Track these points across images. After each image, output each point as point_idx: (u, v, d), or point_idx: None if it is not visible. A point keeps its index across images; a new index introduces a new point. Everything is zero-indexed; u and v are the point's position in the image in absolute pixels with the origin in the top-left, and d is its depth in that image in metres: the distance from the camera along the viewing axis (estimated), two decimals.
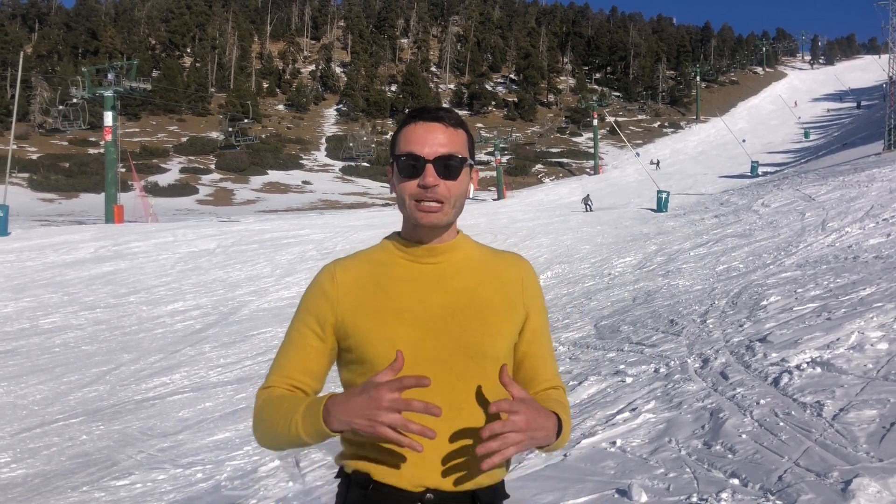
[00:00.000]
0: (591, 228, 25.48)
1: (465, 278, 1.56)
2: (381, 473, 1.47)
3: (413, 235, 1.57)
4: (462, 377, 1.49)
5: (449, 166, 1.49)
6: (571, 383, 7.11)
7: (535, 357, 1.64)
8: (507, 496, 1.59)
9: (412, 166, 1.49)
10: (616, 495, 3.95)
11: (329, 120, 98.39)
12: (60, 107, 53.46)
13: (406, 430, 1.30)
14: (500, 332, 1.54)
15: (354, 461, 1.51)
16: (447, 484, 1.46)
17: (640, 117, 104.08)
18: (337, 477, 1.58)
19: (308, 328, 1.56)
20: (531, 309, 1.61)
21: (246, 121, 77.18)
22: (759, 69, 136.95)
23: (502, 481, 1.58)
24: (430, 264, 1.56)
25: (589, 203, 36.96)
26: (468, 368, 1.49)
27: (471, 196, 1.60)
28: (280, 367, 1.58)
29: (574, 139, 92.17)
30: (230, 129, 70.44)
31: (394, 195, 1.57)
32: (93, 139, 71.19)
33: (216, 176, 69.41)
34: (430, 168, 1.47)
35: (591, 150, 73.64)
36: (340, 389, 1.50)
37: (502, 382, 1.38)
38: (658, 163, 62.23)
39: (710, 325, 8.40)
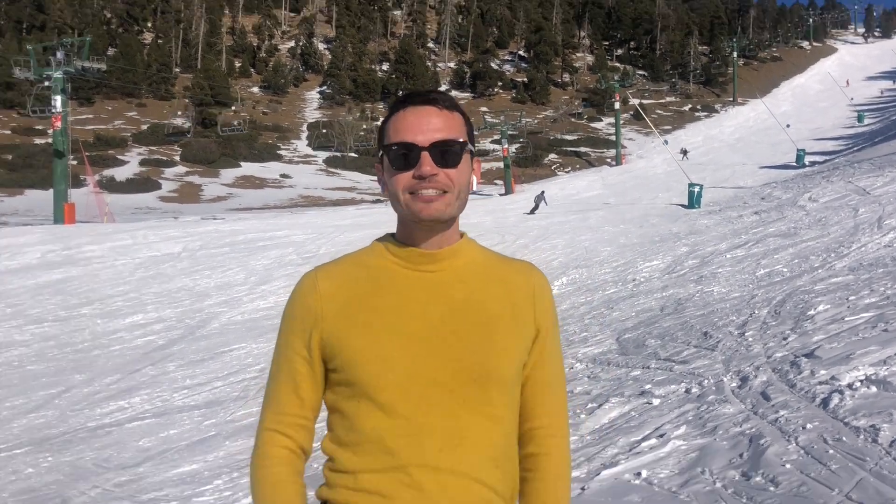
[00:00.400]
0: (612, 227, 25.50)
1: (468, 287, 1.56)
2: None
3: (410, 238, 1.57)
4: (465, 403, 1.49)
5: (447, 153, 1.49)
6: (591, 405, 7.11)
7: (539, 384, 1.63)
8: None
9: (404, 156, 1.49)
10: None
11: (311, 104, 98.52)
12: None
13: None
14: (507, 350, 1.54)
15: (341, 494, 1.51)
16: None
17: (668, 100, 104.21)
18: None
19: (294, 352, 1.57)
20: (542, 326, 1.61)
21: (234, 108, 77.49)
22: (805, 43, 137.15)
23: None
24: (428, 272, 1.56)
25: (543, 201, 35.32)
26: (471, 393, 1.50)
27: (474, 189, 1.62)
28: (274, 403, 1.59)
29: (593, 125, 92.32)
30: (179, 113, 70.33)
31: (386, 194, 1.58)
32: (39, 127, 71.29)
33: (181, 169, 69.50)
34: (425, 156, 1.47)
35: (613, 138, 73.74)
36: None
37: None
38: (686, 152, 62.07)
39: (750, 339, 8.40)
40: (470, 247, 1.62)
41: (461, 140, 1.52)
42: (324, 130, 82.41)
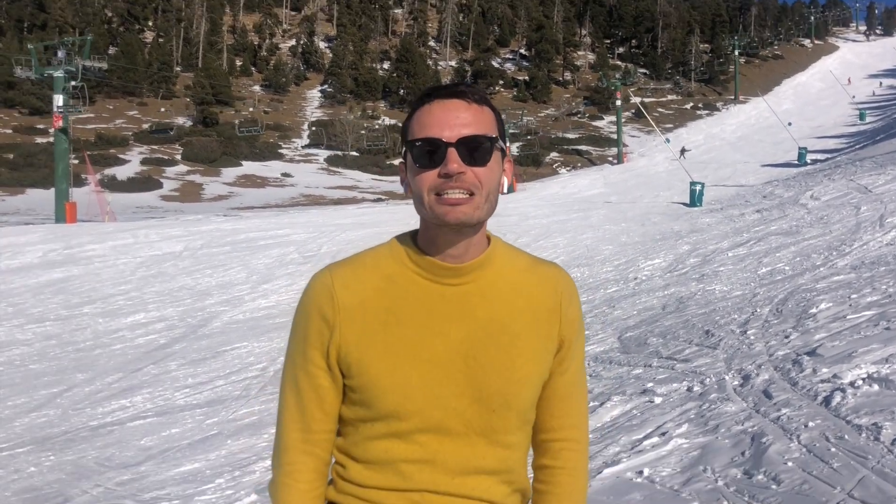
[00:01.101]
0: (614, 226, 25.50)
1: (493, 305, 1.49)
2: None
3: (433, 246, 1.48)
4: (482, 432, 1.46)
5: (476, 149, 1.40)
6: (592, 404, 7.11)
7: (557, 395, 1.58)
8: None
9: (429, 153, 1.40)
10: None
11: (312, 103, 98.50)
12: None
13: None
14: (528, 377, 1.49)
15: (351, 501, 1.50)
16: None
17: (669, 98, 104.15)
18: None
19: (315, 366, 1.50)
20: (566, 337, 1.55)
21: (251, 109, 77.73)
22: (806, 41, 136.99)
23: None
24: (451, 286, 1.48)
25: None
26: (488, 421, 1.46)
27: (505, 191, 1.54)
28: (299, 420, 1.53)
29: (594, 123, 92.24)
30: (163, 110, 70.32)
31: (409, 194, 1.49)
32: (41, 126, 71.31)
33: (183, 168, 69.50)
34: (452, 152, 1.38)
35: (614, 136, 73.67)
36: None
37: None
38: (684, 151, 61.54)
39: (752, 337, 8.41)
40: (498, 253, 1.53)
41: (492, 136, 1.43)
42: (313, 128, 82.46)
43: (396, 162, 1.72)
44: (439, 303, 1.47)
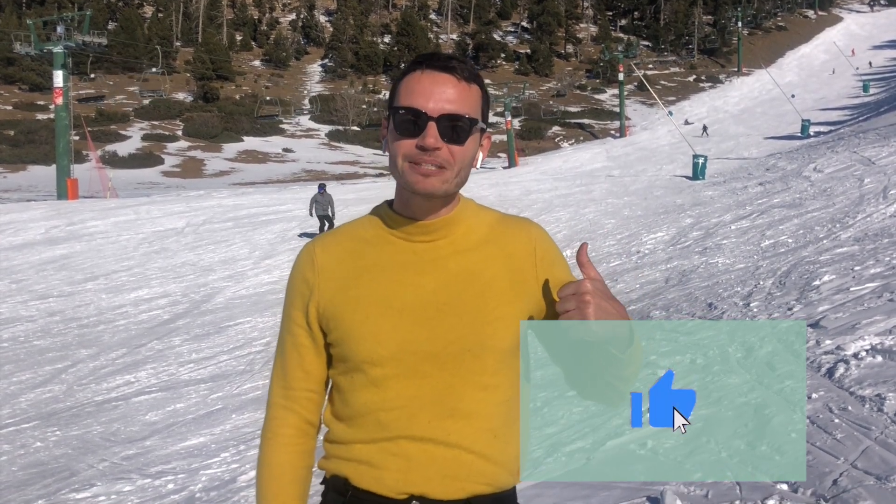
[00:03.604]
0: (617, 200, 25.46)
1: (465, 257, 1.53)
2: (360, 478, 1.49)
3: (405, 207, 1.54)
4: (458, 373, 1.48)
5: (456, 128, 1.45)
6: None
7: None
8: None
9: (412, 122, 1.44)
10: (647, 503, 3.98)
11: (313, 77, 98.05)
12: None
13: None
14: (503, 318, 1.50)
15: (334, 463, 1.54)
16: (436, 491, 1.47)
17: (672, 70, 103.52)
18: (322, 483, 1.61)
19: (297, 325, 1.59)
20: (551, 275, 1.57)
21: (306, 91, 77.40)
22: (810, 12, 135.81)
23: (512, 489, 1.57)
24: (423, 242, 1.54)
25: (325, 208, 21.85)
26: (465, 363, 1.48)
27: (478, 166, 1.58)
28: (281, 377, 1.63)
29: (597, 96, 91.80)
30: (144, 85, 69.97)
31: (387, 154, 1.54)
32: (41, 102, 71.09)
33: (184, 144, 69.35)
34: (432, 127, 1.43)
35: (617, 109, 73.32)
36: None
37: (580, 262, 1.40)
38: (706, 128, 60.41)
39: (755, 309, 8.41)
40: (467, 212, 1.58)
41: (473, 117, 1.47)
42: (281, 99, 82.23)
43: None
44: (411, 258, 1.53)
